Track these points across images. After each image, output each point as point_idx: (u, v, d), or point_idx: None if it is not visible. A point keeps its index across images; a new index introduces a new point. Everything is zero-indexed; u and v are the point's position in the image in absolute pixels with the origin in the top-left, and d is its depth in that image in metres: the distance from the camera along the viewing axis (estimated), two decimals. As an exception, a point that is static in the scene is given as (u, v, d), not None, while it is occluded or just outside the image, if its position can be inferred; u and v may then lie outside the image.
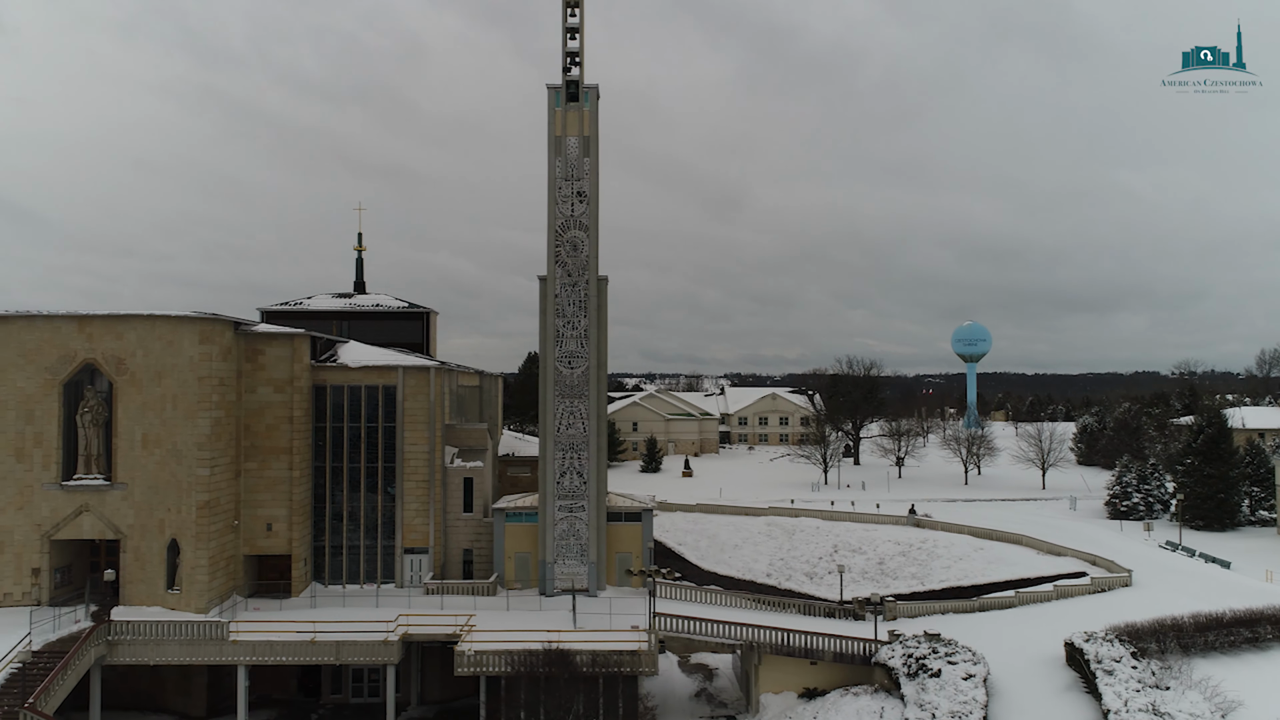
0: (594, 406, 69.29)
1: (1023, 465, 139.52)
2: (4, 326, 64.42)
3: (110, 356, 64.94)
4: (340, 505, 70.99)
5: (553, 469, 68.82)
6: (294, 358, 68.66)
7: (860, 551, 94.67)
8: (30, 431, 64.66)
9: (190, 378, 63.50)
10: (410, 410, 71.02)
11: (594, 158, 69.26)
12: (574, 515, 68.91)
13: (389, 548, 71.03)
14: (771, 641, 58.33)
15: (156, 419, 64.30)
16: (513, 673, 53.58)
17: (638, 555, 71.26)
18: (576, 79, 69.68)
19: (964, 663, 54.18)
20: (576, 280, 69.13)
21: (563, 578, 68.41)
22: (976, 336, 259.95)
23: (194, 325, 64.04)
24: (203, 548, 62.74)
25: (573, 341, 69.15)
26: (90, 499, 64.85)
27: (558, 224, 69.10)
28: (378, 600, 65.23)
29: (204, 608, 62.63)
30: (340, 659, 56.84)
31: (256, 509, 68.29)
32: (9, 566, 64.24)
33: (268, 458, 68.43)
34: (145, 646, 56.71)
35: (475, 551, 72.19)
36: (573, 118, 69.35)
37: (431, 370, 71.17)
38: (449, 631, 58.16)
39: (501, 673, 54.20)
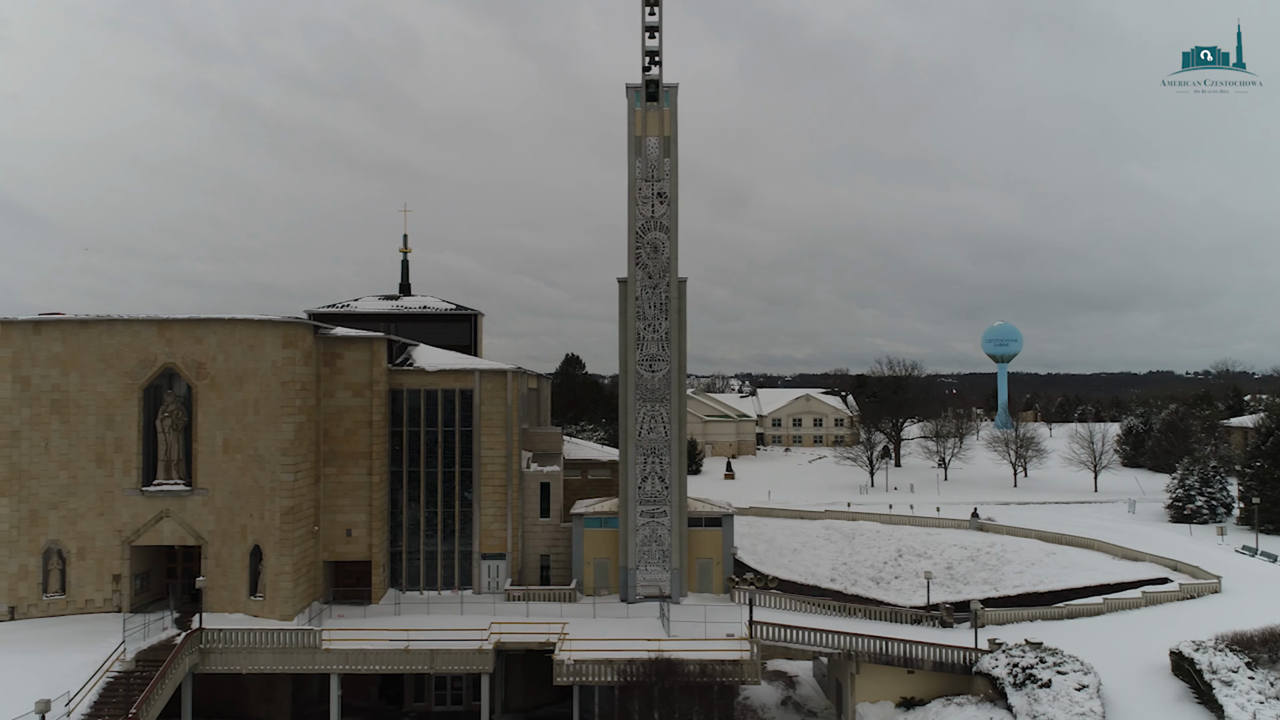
0: (675, 410, 68.33)
1: (1074, 468, 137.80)
2: (84, 331, 63.87)
3: (190, 361, 64.34)
4: (417, 510, 70.21)
5: (634, 474, 67.87)
6: (373, 361, 67.94)
7: (925, 556, 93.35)
8: (111, 437, 64.10)
9: (273, 382, 62.81)
10: (487, 414, 70.20)
11: (674, 158, 68.31)
12: (656, 521, 67.95)
13: (466, 553, 70.19)
14: (870, 650, 57.20)
15: (238, 424, 63.64)
16: (617, 683, 52.65)
17: (718, 561, 70.26)
18: (656, 78, 68.72)
19: (1074, 672, 53.00)
20: (657, 282, 68.19)
21: (645, 584, 67.46)
22: (1008, 336, 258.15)
23: (276, 329, 63.34)
24: (287, 554, 62.04)
25: (653, 344, 68.21)
26: (171, 504, 64.26)
27: (638, 225, 68.16)
28: (461, 607, 64.42)
29: (289, 615, 61.92)
30: (435, 668, 56.03)
31: (336, 514, 67.60)
32: (90, 573, 63.69)
33: (347, 462, 67.72)
34: (238, 655, 56.00)
35: (553, 557, 71.32)
36: (653, 118, 68.41)
37: (508, 374, 70.34)
38: (542, 640, 57.29)
39: (604, 682, 53.31)
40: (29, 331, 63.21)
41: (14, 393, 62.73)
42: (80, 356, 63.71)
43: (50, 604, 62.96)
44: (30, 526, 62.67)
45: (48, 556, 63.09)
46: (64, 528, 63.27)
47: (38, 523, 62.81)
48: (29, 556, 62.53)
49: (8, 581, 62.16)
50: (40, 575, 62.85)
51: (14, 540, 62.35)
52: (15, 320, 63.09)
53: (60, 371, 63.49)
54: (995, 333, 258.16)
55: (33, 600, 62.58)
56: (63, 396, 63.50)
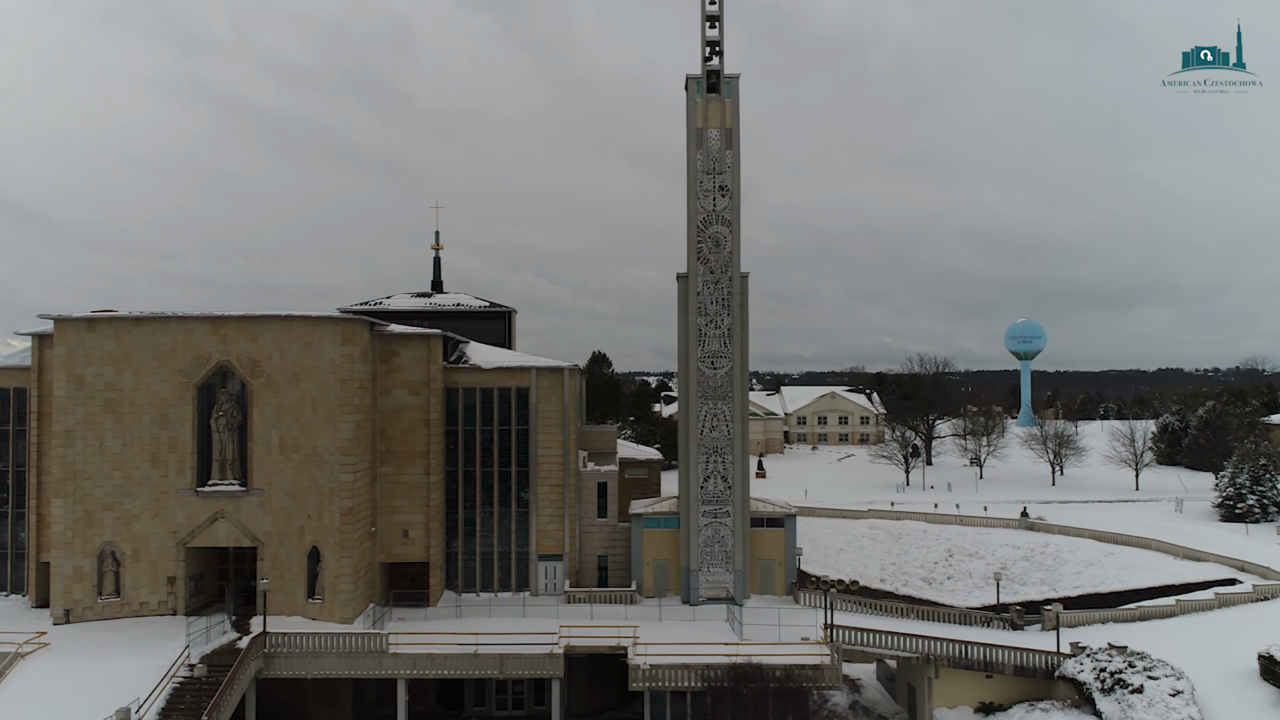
0: (738, 408, 66.82)
1: (1114, 466, 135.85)
2: (137, 328, 62.63)
3: (245, 358, 63.07)
4: (473, 511, 68.82)
5: (696, 473, 66.40)
6: (429, 359, 66.60)
7: (977, 556, 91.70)
8: (165, 436, 62.87)
9: (331, 380, 61.47)
10: (543, 412, 68.77)
11: (736, 150, 66.81)
12: (718, 521, 66.47)
13: (523, 554, 68.79)
14: (949, 653, 55.70)
15: (294, 423, 62.34)
16: (695, 688, 51.23)
17: (780, 563, 68.78)
18: (717, 69, 67.21)
19: (1167, 678, 51.42)
20: (719, 277, 66.69)
21: (708, 586, 65.99)
22: (1031, 333, 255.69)
23: (335, 326, 62.01)
24: (347, 556, 60.72)
25: (715, 341, 66.72)
26: (226, 505, 63.01)
27: (699, 219, 66.67)
28: (524, 610, 63.02)
29: (349, 618, 60.61)
30: (504, 672, 54.66)
31: (393, 515, 66.27)
32: (145, 575, 62.49)
33: (403, 462, 66.39)
34: (302, 660, 54.69)
35: (610, 558, 69.89)
36: (714, 109, 66.89)
37: (565, 371, 68.93)
38: (612, 644, 55.88)
39: (680, 688, 51.88)
40: (83, 329, 62.01)
41: (68, 392, 61.54)
42: (134, 354, 62.49)
43: (105, 607, 61.77)
44: (85, 528, 61.48)
45: (102, 558, 61.90)
46: (118, 529, 62.07)
47: (92, 524, 61.61)
48: (84, 558, 61.34)
49: (63, 584, 60.99)
50: (95, 577, 61.65)
51: (69, 542, 61.16)
52: (69, 318, 61.88)
53: (114, 370, 62.27)
54: (1018, 329, 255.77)
55: (88, 603, 61.39)
56: (116, 395, 62.28)
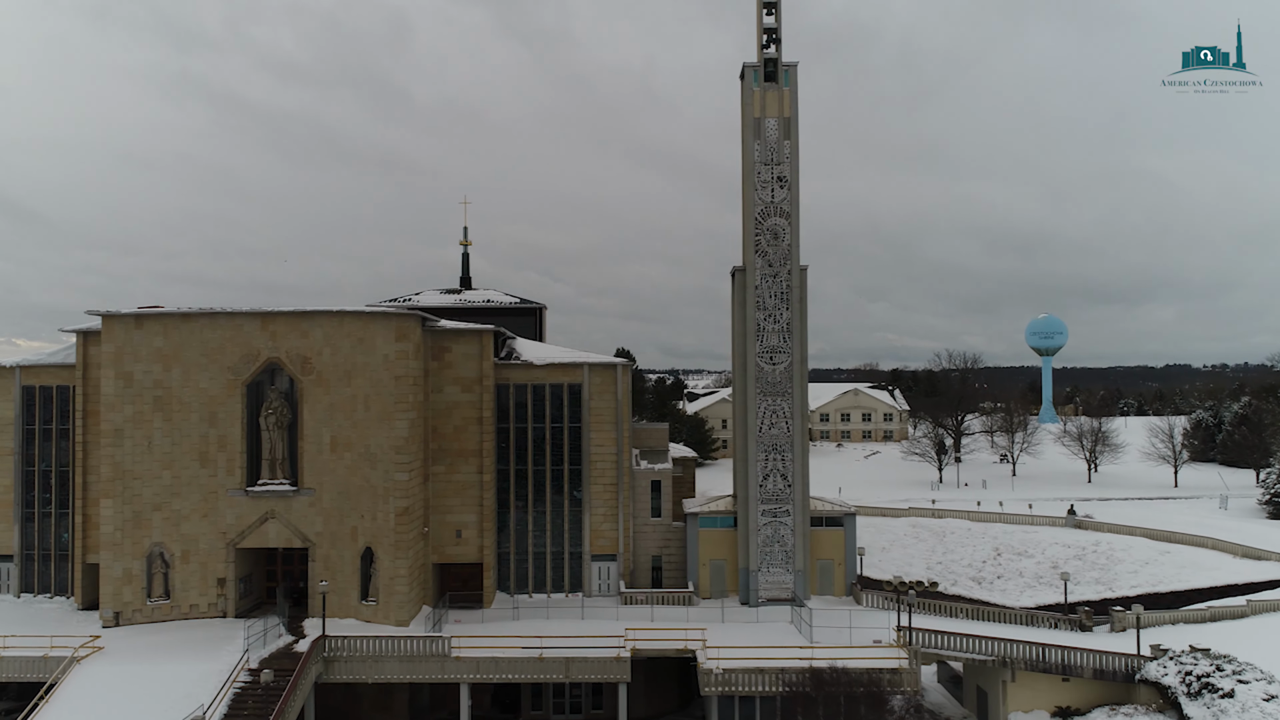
0: (797, 405, 65.26)
1: (1152, 462, 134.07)
2: (185, 324, 61.27)
3: (295, 355, 61.69)
4: (524, 510, 67.30)
5: (755, 472, 64.86)
6: (482, 355, 65.14)
7: (1027, 555, 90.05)
8: (214, 435, 61.53)
9: (385, 377, 60.06)
10: (596, 409, 67.24)
11: (794, 140, 65.18)
12: (778, 520, 64.93)
13: (576, 555, 67.28)
14: (1026, 656, 54.04)
15: (346, 421, 60.95)
16: (773, 693, 49.75)
17: (839, 563, 67.24)
18: (775, 57, 65.59)
19: (1257, 681, 49.72)
20: (778, 271, 65.11)
21: (768, 587, 64.46)
22: (1053, 329, 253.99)
23: (388, 321, 60.59)
24: (402, 557, 59.33)
25: (774, 336, 65.16)
26: (276, 505, 61.67)
27: (756, 211, 65.08)
28: (582, 611, 61.55)
29: (405, 620, 59.25)
30: (570, 676, 53.22)
31: (445, 515, 64.87)
32: (194, 576, 61.18)
33: (456, 461, 64.96)
34: (363, 664, 53.28)
35: (665, 558, 68.38)
36: (771, 98, 65.29)
37: (618, 367, 67.41)
38: (678, 646, 54.39)
39: (756, 692, 50.39)
40: (130, 325, 60.68)
41: (117, 389, 60.22)
42: (182, 351, 61.15)
43: (155, 609, 60.50)
44: (134, 529, 60.18)
45: (151, 560, 60.63)
46: (167, 530, 60.77)
47: (141, 525, 60.32)
48: (133, 560, 60.06)
49: (112, 586, 59.72)
50: (144, 579, 60.37)
51: (118, 543, 59.88)
52: (117, 313, 60.55)
53: (162, 367, 60.94)
54: (1039, 325, 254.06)
55: (137, 605, 60.11)
56: (165, 393, 60.95)
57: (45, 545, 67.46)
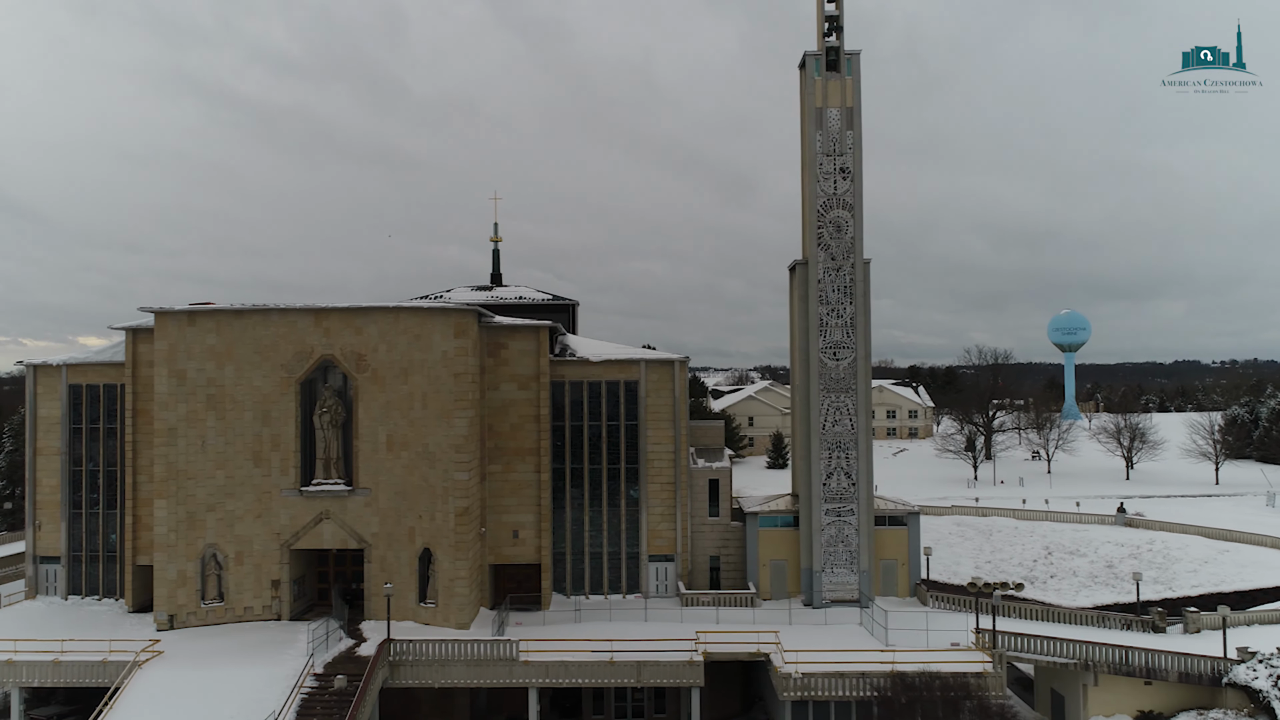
0: (861, 401, 63.73)
1: (1193, 459, 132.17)
2: (238, 321, 59.99)
3: (349, 352, 60.37)
4: (580, 510, 65.90)
5: (818, 470, 63.36)
6: (539, 351, 63.76)
7: (1079, 554, 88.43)
8: (267, 434, 60.25)
9: (444, 374, 58.71)
10: (652, 407, 65.82)
11: (857, 131, 63.63)
12: (842, 520, 63.44)
13: (633, 555, 65.90)
14: (1110, 659, 52.54)
15: (403, 419, 59.61)
16: (853, 698, 48.31)
17: (903, 563, 65.74)
18: (837, 45, 64.03)
19: (1356, 686, 48.14)
20: (841, 264, 63.57)
21: (832, 588, 62.98)
22: (1075, 325, 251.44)
23: (446, 318, 59.24)
24: (462, 558, 58.02)
25: (837, 331, 63.63)
26: (331, 505, 60.38)
27: (819, 203, 63.56)
28: (645, 614, 60.10)
29: (465, 623, 57.98)
30: (642, 681, 51.82)
31: (502, 515, 63.56)
32: (248, 578, 59.92)
33: (513, 459, 63.62)
34: (429, 668, 51.92)
35: (723, 558, 66.93)
36: (834, 87, 63.74)
37: (675, 364, 65.95)
38: (751, 650, 52.97)
39: (836, 697, 48.95)
40: (184, 322, 59.43)
41: (170, 388, 58.98)
42: (235, 349, 59.88)
43: (209, 612, 59.27)
44: (188, 530, 58.96)
45: (205, 562, 59.40)
46: (221, 531, 59.54)
47: (195, 526, 59.09)
48: (187, 561, 58.83)
49: (166, 589, 58.50)
50: (198, 581, 59.14)
51: (172, 545, 58.65)
52: (170, 310, 59.30)
53: (215, 365, 59.68)
54: (1062, 321, 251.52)
55: (191, 608, 58.89)
56: (218, 391, 59.69)
57: (93, 546, 66.34)
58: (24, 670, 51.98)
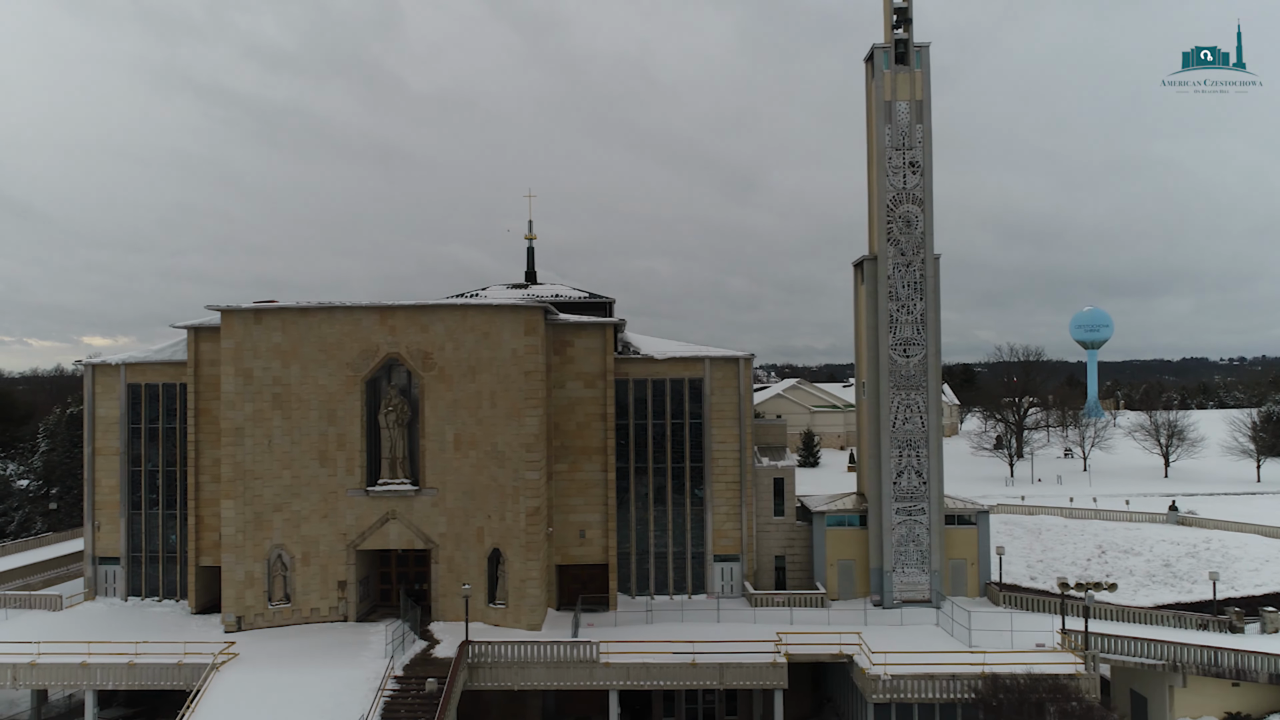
0: (932, 399, 62.89)
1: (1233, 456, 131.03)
2: (304, 319, 59.34)
3: (415, 350, 59.67)
4: (645, 509, 65.13)
5: (888, 468, 62.51)
6: (605, 349, 63.00)
7: (1134, 553, 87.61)
8: (333, 433, 59.60)
9: (514, 372, 58.00)
10: (717, 405, 65.03)
11: (927, 124, 62.75)
12: (913, 519, 62.60)
13: (698, 555, 65.11)
14: (1198, 660, 51.62)
15: (471, 418, 58.91)
16: (944, 700, 47.51)
17: (972, 562, 64.85)
18: (905, 38, 63.15)
19: None
20: (911, 260, 62.71)
21: (903, 588, 62.13)
22: (1098, 322, 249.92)
23: (517, 315, 58.53)
24: (534, 558, 57.33)
25: (908, 327, 62.77)
26: (397, 505, 59.70)
27: (888, 198, 62.69)
28: (718, 615, 59.31)
29: (536, 624, 57.31)
30: (725, 683, 51.05)
31: (569, 515, 62.82)
32: (315, 579, 59.28)
33: (579, 458, 62.88)
34: (508, 670, 51.19)
35: (788, 558, 66.11)
36: (902, 80, 62.85)
37: (740, 361, 65.15)
38: (833, 651, 52.14)
39: (920, 699, 48.15)
40: (250, 321, 58.78)
41: (237, 387, 58.33)
42: (300, 347, 59.23)
43: (276, 613, 58.64)
44: (255, 530, 58.32)
45: (271, 562, 58.74)
46: (288, 531, 58.90)
47: (262, 526, 58.46)
48: (254, 562, 58.20)
49: (234, 590, 57.86)
50: (265, 582, 58.49)
51: (239, 545, 58.00)
52: (237, 308, 58.66)
53: (281, 364, 59.04)
54: (1085, 318, 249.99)
55: (259, 609, 58.25)
56: (284, 390, 59.05)
57: (152, 547, 65.77)
58: (98, 673, 51.40)
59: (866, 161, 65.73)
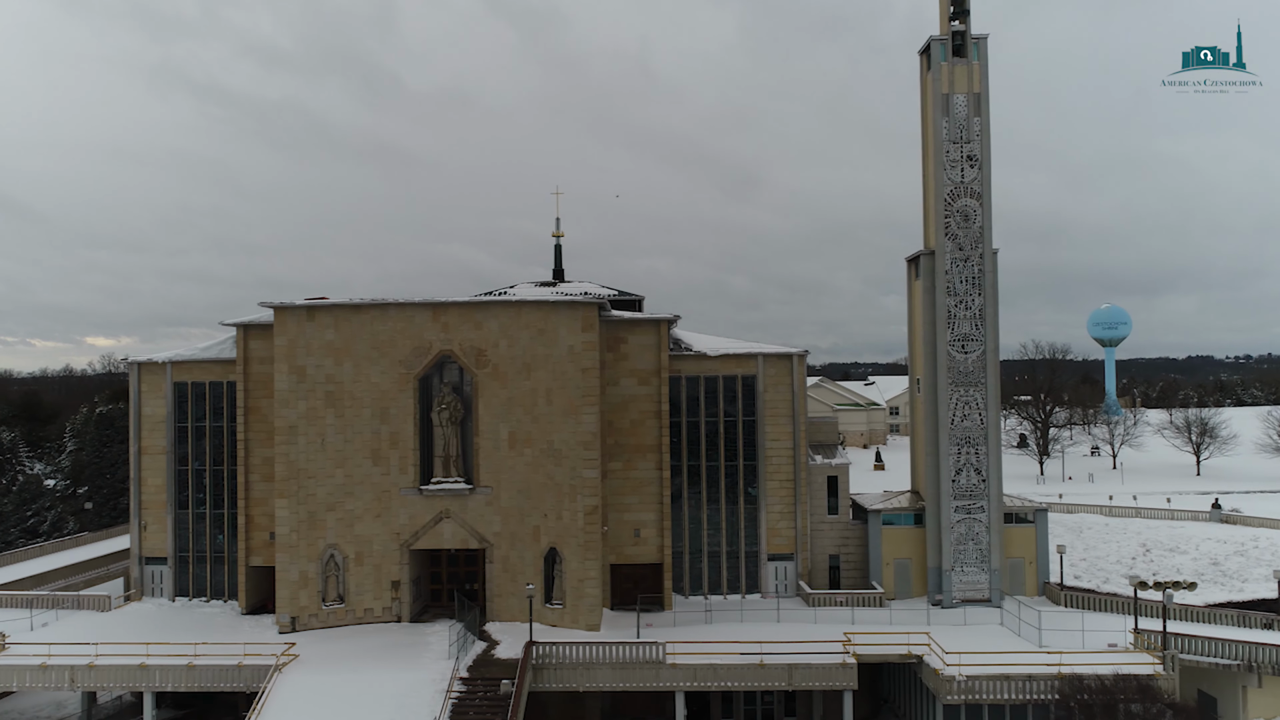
0: (991, 395, 62.03)
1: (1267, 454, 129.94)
2: (356, 316, 58.66)
3: (469, 348, 58.96)
4: (698, 508, 64.36)
5: (947, 466, 61.67)
6: (659, 346, 62.23)
7: (1179, 551, 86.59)
8: (386, 431, 58.90)
9: (571, 369, 57.24)
10: (770, 402, 64.23)
11: (985, 117, 61.88)
12: (971, 517, 61.75)
13: (752, 554, 64.33)
14: (1274, 660, 50.66)
15: (526, 415, 58.18)
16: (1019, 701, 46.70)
17: (1030, 561, 63.98)
18: (963, 30, 62.28)
19: None
20: (969, 254, 61.84)
21: (962, 587, 61.29)
22: (1117, 320, 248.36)
23: (574, 311, 57.79)
24: (592, 558, 56.60)
25: (966, 323, 61.91)
26: (451, 504, 59.00)
27: (945, 192, 61.83)
28: (778, 615, 58.47)
29: (595, 624, 56.60)
30: (793, 684, 50.24)
31: (623, 514, 62.06)
32: (368, 579, 58.59)
33: (633, 456, 62.13)
34: (573, 671, 50.37)
35: (843, 557, 65.30)
36: (960, 73, 61.98)
37: (794, 358, 64.36)
38: (902, 652, 51.30)
39: (991, 701, 47.35)
40: (303, 318, 58.11)
41: (290, 385, 57.65)
42: (353, 344, 58.55)
43: (329, 614, 57.95)
44: (309, 530, 57.64)
45: (325, 562, 58.05)
46: (341, 531, 58.23)
47: (315, 526, 57.77)
48: (308, 562, 57.52)
49: (289, 590, 57.17)
50: (319, 583, 57.81)
51: (294, 545, 57.32)
52: (290, 305, 57.99)
53: (334, 361, 58.36)
54: (1103, 316, 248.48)
55: (313, 610, 57.59)
56: (337, 388, 58.38)
57: (199, 547, 65.14)
58: (156, 674, 50.71)
59: (921, 155, 64.91)
